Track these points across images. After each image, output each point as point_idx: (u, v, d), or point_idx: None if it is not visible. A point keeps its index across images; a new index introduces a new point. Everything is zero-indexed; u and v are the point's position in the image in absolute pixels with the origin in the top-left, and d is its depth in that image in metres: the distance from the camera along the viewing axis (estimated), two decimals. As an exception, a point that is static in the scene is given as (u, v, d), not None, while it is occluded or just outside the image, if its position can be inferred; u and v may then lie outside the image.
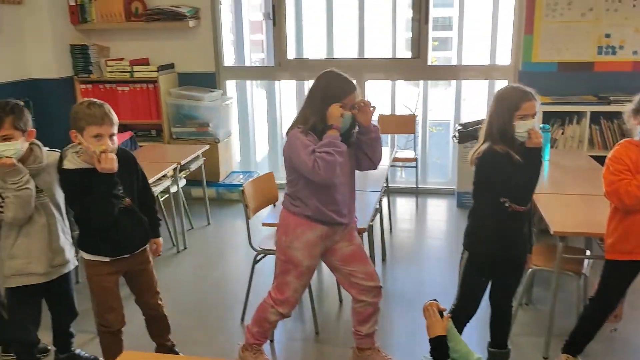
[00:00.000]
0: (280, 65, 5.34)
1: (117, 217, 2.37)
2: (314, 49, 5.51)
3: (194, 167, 4.43)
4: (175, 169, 4.03)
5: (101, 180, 2.29)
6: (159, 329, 2.71)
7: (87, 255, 2.47)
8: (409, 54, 5.18)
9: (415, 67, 5.11)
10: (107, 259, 2.45)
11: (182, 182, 4.33)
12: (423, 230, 4.72)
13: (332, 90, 2.37)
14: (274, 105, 5.65)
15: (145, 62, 5.30)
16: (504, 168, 2.30)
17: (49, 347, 2.87)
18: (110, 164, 2.28)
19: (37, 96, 4.93)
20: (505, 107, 2.32)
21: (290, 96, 5.64)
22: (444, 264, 3.99)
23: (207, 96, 5.16)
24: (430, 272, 3.86)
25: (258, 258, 3.20)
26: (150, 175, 2.84)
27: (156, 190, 3.76)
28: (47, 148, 2.51)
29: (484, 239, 2.44)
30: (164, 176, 3.95)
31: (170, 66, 5.35)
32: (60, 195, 2.52)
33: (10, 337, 2.60)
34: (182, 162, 4.11)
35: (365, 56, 5.29)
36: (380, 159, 2.59)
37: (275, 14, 5.21)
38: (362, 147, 2.51)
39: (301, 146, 2.33)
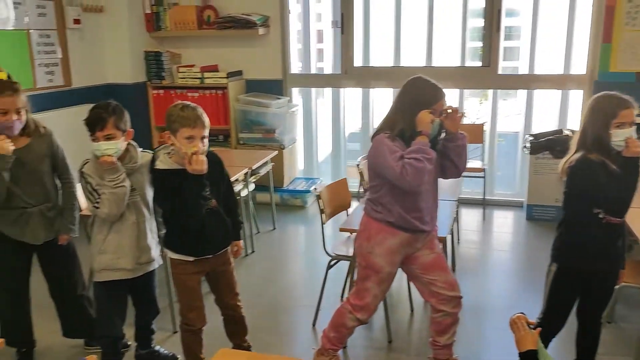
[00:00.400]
0: (347, 73, 5.36)
1: (204, 217, 2.42)
2: (381, 57, 5.49)
3: (262, 172, 4.50)
4: (246, 174, 4.09)
5: (191, 181, 2.35)
6: (237, 329, 2.75)
7: (172, 254, 2.53)
8: (474, 63, 5.11)
9: (484, 76, 5.03)
10: (191, 259, 2.50)
11: (251, 187, 4.39)
12: (490, 242, 4.62)
13: (422, 96, 2.35)
14: (338, 113, 5.67)
15: (214, 68, 5.43)
16: (599, 178, 2.22)
17: (129, 343, 2.95)
18: (201, 165, 2.33)
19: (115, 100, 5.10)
20: (602, 115, 2.25)
21: (355, 104, 5.64)
22: (511, 276, 3.91)
23: (274, 103, 5.23)
24: (498, 284, 3.76)
25: (332, 264, 3.20)
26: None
27: (229, 193, 3.82)
28: (140, 149, 2.60)
29: (576, 251, 2.36)
30: (235, 180, 4.02)
31: (239, 73, 5.46)
32: (149, 195, 2.60)
33: (98, 330, 2.69)
34: (253, 167, 4.17)
35: (433, 64, 5.24)
36: (465, 166, 2.56)
37: (343, 22, 5.25)
38: (448, 154, 2.48)
39: (388, 151, 2.32)
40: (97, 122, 2.41)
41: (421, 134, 2.31)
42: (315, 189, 5.45)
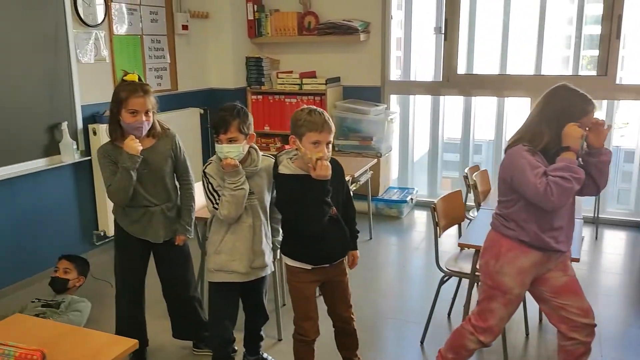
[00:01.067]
0: (449, 81, 5.19)
1: (324, 225, 2.36)
2: (485, 64, 5.28)
3: (362, 180, 4.41)
4: (348, 181, 4.01)
5: (314, 187, 2.30)
6: (348, 342, 2.66)
7: (290, 261, 2.48)
8: (587, 72, 4.80)
9: (600, 86, 4.71)
10: (309, 267, 2.45)
11: (352, 195, 4.30)
12: (601, 263, 4.29)
13: (570, 108, 2.17)
14: (436, 122, 5.50)
15: (312, 75, 5.42)
16: None
17: (236, 348, 2.93)
18: (325, 171, 2.28)
19: (214, 106, 5.22)
20: None
21: (456, 113, 5.45)
22: (622, 301, 3.61)
23: (372, 110, 5.14)
24: (607, 309, 3.46)
25: (444, 280, 3.05)
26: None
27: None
28: (262, 153, 2.58)
29: None
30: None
31: (337, 79, 5.42)
32: (267, 199, 2.58)
33: (210, 331, 2.68)
34: (355, 175, 4.09)
35: (543, 73, 4.97)
36: (606, 184, 2.35)
37: (447, 28, 5.09)
38: (589, 170, 2.28)
39: (529, 166, 2.16)
40: (222, 125, 2.41)
41: (568, 149, 2.14)
42: (411, 199, 5.31)
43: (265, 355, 2.87)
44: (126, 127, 2.56)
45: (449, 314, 3.34)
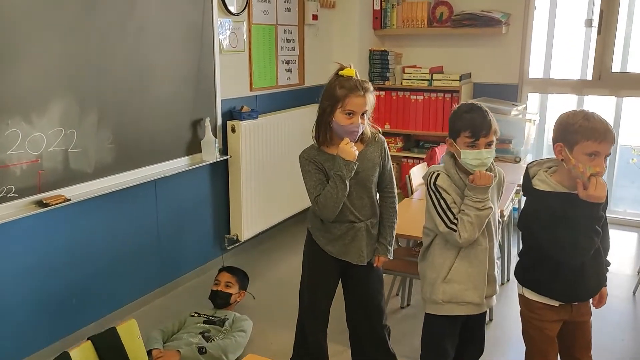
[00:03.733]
0: (600, 79, 4.67)
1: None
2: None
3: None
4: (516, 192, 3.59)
5: (583, 210, 1.89)
6: None
7: (533, 294, 2.08)
8: None
9: None
10: (557, 304, 2.04)
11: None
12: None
13: None
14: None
15: (439, 70, 4.99)
16: None
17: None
18: (600, 191, 1.86)
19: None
20: None
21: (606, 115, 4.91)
22: None
23: (512, 110, 4.68)
24: None
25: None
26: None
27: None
28: None
29: None
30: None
31: (468, 75, 4.97)
32: (497, 216, 2.18)
33: None
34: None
35: None
36: None
37: (602, 21, 4.57)
38: None
39: None
40: (483, 127, 2.01)
41: None
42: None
43: None
44: (338, 130, 2.21)
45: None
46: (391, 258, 2.43)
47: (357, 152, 2.19)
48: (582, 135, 1.87)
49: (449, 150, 2.14)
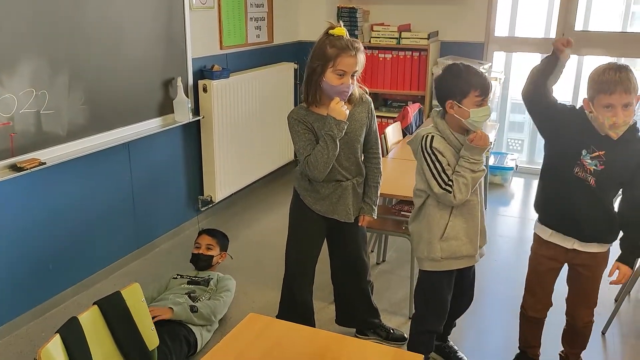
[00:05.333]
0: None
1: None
2: (605, 22, 4.86)
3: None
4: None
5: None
6: (571, 340, 2.40)
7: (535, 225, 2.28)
8: None
9: None
10: (548, 234, 2.21)
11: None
12: None
13: None
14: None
15: (407, 28, 5.00)
16: None
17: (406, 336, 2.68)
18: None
19: (303, 60, 4.81)
20: None
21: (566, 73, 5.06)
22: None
23: (478, 68, 4.75)
24: None
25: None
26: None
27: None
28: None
29: None
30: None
31: (435, 34, 5.00)
32: None
33: (422, 324, 2.34)
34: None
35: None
36: None
37: (566, -20, 4.65)
38: None
39: None
40: (489, 84, 2.07)
41: None
42: (516, 165, 4.99)
43: (451, 344, 2.60)
44: (329, 90, 2.20)
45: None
46: (375, 218, 2.48)
47: (347, 112, 2.20)
48: (595, 89, 1.96)
49: (443, 112, 2.13)
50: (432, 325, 2.31)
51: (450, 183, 2.08)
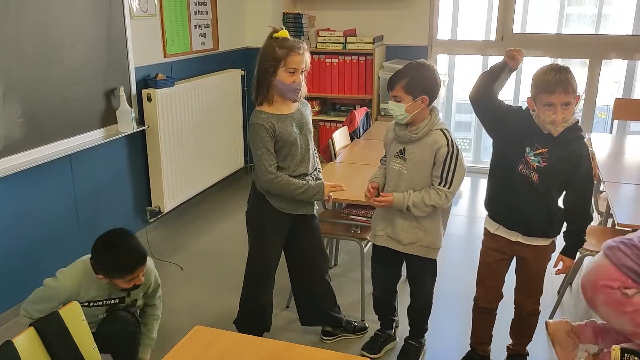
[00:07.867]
0: (503, 40, 4.94)
1: None
2: (541, 24, 5.05)
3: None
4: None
5: None
6: (518, 330, 2.48)
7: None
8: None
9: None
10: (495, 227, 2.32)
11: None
12: None
13: None
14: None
15: (352, 33, 5.05)
16: None
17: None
18: None
19: (251, 67, 4.80)
20: None
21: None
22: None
23: (423, 71, 4.85)
24: None
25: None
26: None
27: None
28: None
29: None
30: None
31: (380, 38, 5.08)
32: None
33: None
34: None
35: (601, 32, 4.79)
36: None
37: (503, -16, 4.81)
38: None
39: None
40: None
41: None
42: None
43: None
44: (283, 88, 2.28)
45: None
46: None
47: (332, 195, 2.43)
48: (537, 89, 2.05)
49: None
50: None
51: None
